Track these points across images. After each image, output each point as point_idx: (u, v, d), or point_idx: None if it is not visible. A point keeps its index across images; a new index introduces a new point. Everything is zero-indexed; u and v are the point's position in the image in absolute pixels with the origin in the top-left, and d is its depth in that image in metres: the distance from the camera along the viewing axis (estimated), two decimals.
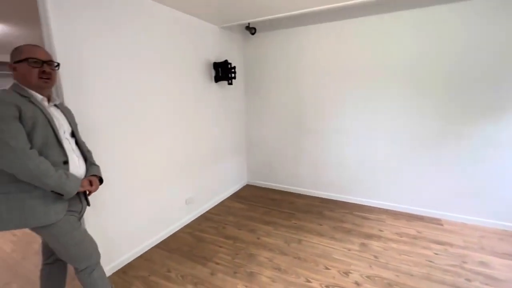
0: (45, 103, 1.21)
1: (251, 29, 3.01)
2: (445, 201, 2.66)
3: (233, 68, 2.95)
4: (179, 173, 2.59)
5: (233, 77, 2.99)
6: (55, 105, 1.30)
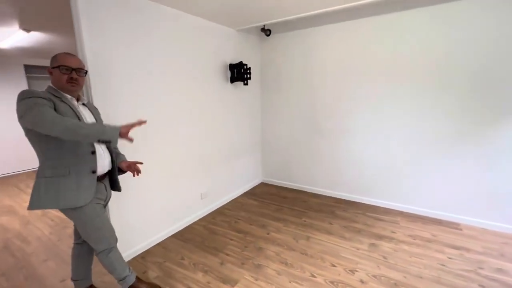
0: (74, 102, 1.41)
1: (266, 31, 3.09)
2: (466, 205, 2.54)
3: (248, 69, 3.06)
4: (196, 169, 2.75)
5: (248, 78, 3.09)
6: (83, 104, 1.50)
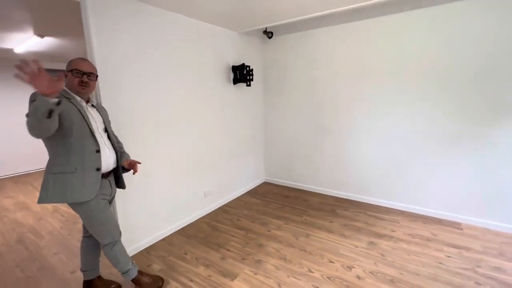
0: (83, 103, 1.50)
1: (268, 33, 3.16)
2: (467, 204, 2.54)
3: (250, 70, 3.14)
4: (199, 168, 2.84)
5: (251, 79, 3.17)
6: (92, 105, 1.60)
